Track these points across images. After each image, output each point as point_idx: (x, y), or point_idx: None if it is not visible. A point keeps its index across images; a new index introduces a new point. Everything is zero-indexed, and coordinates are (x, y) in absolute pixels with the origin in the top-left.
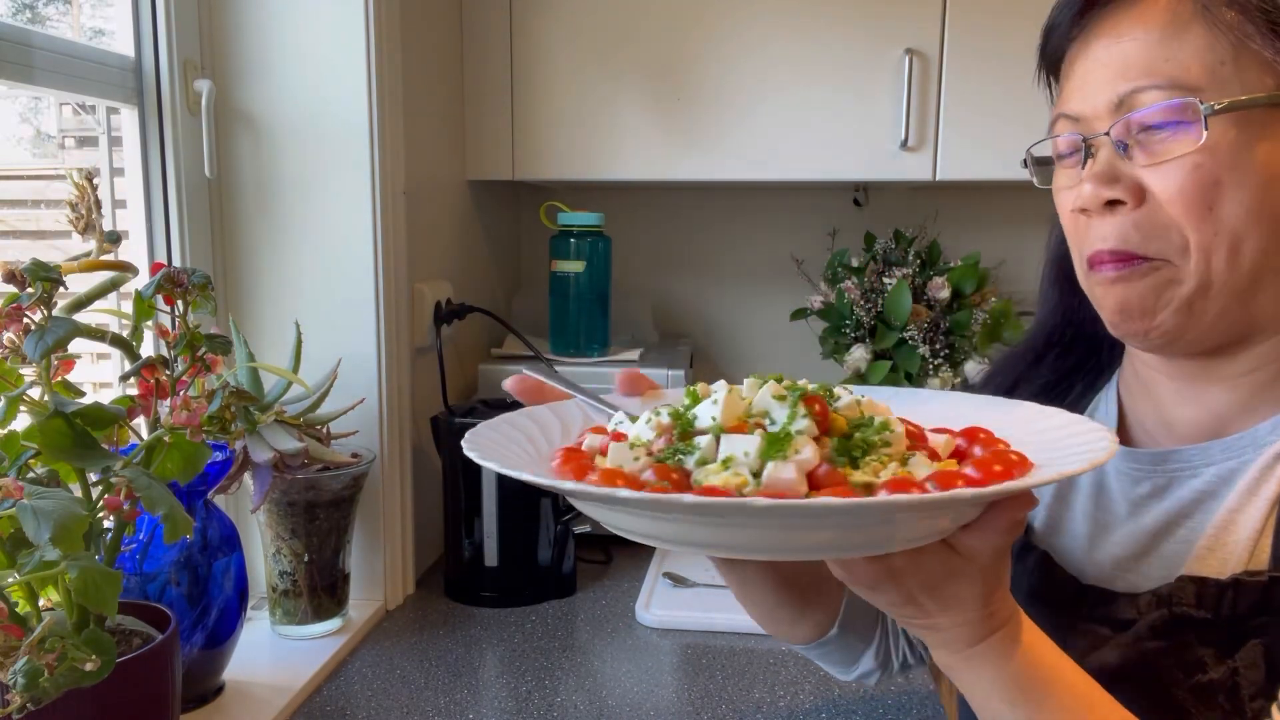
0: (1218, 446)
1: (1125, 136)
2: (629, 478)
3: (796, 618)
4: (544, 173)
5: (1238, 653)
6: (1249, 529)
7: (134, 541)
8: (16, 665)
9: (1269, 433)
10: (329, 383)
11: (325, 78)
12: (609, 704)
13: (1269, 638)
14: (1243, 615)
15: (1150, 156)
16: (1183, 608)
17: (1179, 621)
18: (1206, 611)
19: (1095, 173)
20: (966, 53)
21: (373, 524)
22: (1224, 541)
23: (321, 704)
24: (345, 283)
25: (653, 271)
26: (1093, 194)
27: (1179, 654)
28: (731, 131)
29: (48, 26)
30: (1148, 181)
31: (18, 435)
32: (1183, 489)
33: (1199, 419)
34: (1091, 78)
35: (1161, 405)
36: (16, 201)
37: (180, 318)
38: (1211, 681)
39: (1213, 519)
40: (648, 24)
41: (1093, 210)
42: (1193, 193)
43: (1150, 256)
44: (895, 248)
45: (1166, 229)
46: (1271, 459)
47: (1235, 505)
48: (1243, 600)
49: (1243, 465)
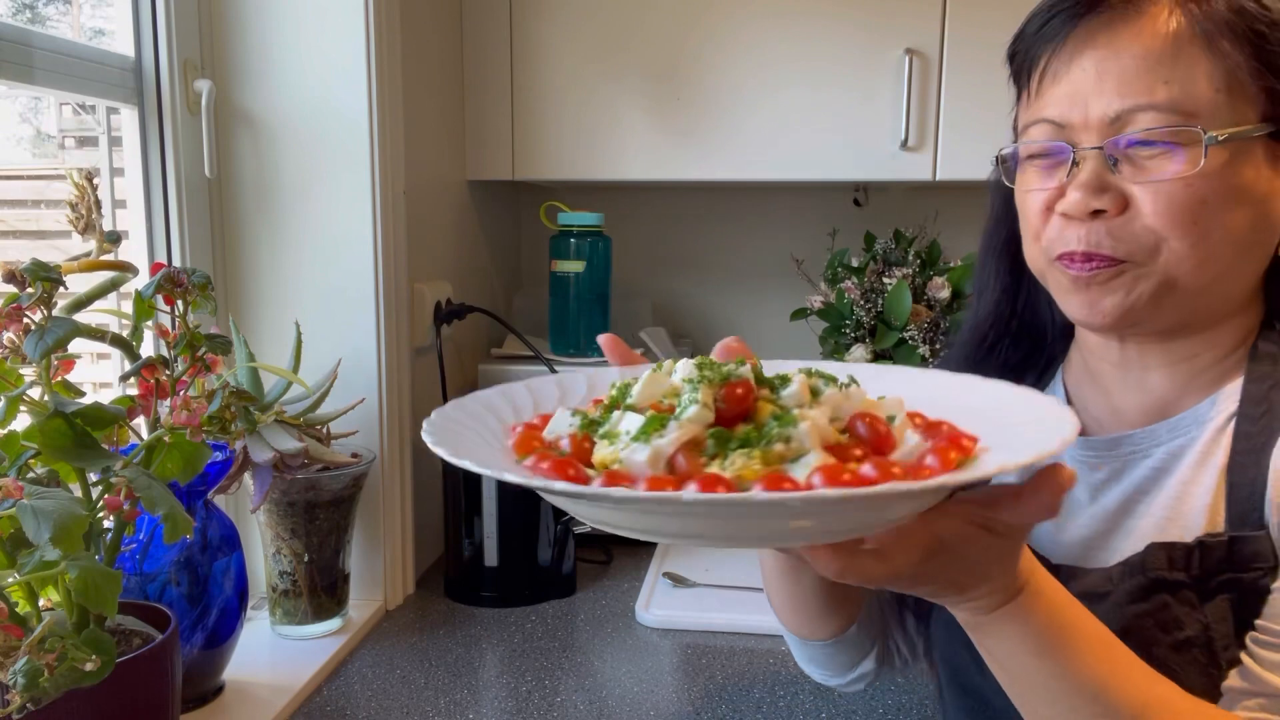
0: (1164, 428)
1: (1114, 151)
2: (550, 456)
3: (828, 610)
4: (544, 173)
5: (1206, 607)
6: (1203, 498)
7: (134, 541)
8: (16, 665)
9: (1209, 409)
10: (329, 383)
11: (325, 78)
12: (609, 704)
13: (1235, 593)
14: (1210, 572)
15: (1139, 173)
16: (1157, 571)
17: (1155, 584)
18: (1179, 573)
19: (1084, 182)
20: (966, 53)
21: (373, 524)
22: (1182, 511)
23: (321, 704)
24: (345, 283)
25: (653, 271)
26: (1081, 202)
27: (1157, 615)
28: (731, 131)
29: (48, 26)
30: (1133, 194)
31: (18, 435)
32: (1137, 469)
33: (1143, 404)
34: (1083, 88)
35: (1109, 393)
36: (16, 201)
37: (180, 318)
38: (1188, 638)
39: (1169, 492)
40: (648, 24)
41: (1078, 216)
42: (1180, 209)
43: (1119, 259)
44: (895, 248)
45: (1139, 235)
46: (1215, 433)
47: (1188, 478)
48: (1208, 559)
49: (1190, 441)
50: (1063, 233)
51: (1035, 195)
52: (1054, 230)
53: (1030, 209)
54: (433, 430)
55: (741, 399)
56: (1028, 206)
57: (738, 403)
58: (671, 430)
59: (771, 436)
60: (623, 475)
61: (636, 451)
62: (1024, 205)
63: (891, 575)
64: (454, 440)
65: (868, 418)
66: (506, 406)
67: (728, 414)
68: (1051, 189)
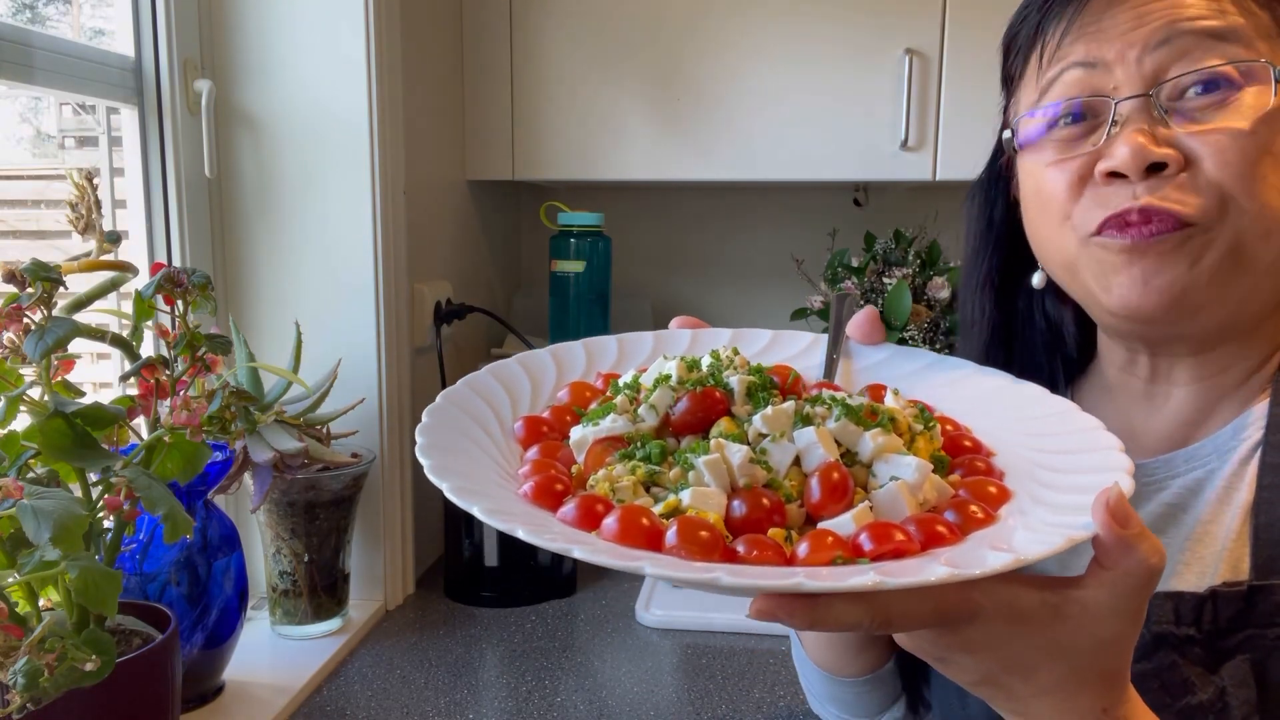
0: (1181, 457)
1: (1163, 100)
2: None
3: (865, 642)
4: (544, 173)
5: (1223, 669)
6: (1224, 539)
7: (134, 541)
8: (16, 665)
9: (1231, 437)
10: (329, 383)
11: (325, 78)
12: (609, 704)
13: (1256, 652)
14: (1225, 629)
15: (1194, 123)
16: (1162, 626)
17: (1160, 640)
18: (1187, 628)
19: (1135, 132)
20: (966, 53)
21: (373, 524)
22: (1199, 555)
23: (321, 704)
24: (345, 283)
25: (653, 271)
26: (1137, 153)
27: (1164, 675)
28: (732, 131)
29: (48, 26)
30: (1192, 148)
31: (18, 435)
32: (1150, 504)
33: (1163, 428)
34: (1114, 33)
35: (1127, 414)
36: (16, 201)
37: (180, 318)
38: (1201, 703)
39: (1185, 533)
40: (648, 24)
41: (1130, 174)
42: (1250, 161)
43: (1186, 220)
44: (895, 248)
45: (1205, 191)
46: (1238, 465)
47: (1208, 517)
48: (1223, 613)
49: (1209, 475)
50: (1109, 197)
51: (1060, 169)
52: (1092, 200)
53: (1054, 187)
54: (433, 459)
55: (698, 409)
56: (1049, 185)
57: (698, 413)
58: (607, 423)
59: (685, 464)
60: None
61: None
62: (1042, 186)
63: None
64: (460, 469)
65: (836, 471)
66: (503, 396)
67: (688, 423)
68: (1083, 156)
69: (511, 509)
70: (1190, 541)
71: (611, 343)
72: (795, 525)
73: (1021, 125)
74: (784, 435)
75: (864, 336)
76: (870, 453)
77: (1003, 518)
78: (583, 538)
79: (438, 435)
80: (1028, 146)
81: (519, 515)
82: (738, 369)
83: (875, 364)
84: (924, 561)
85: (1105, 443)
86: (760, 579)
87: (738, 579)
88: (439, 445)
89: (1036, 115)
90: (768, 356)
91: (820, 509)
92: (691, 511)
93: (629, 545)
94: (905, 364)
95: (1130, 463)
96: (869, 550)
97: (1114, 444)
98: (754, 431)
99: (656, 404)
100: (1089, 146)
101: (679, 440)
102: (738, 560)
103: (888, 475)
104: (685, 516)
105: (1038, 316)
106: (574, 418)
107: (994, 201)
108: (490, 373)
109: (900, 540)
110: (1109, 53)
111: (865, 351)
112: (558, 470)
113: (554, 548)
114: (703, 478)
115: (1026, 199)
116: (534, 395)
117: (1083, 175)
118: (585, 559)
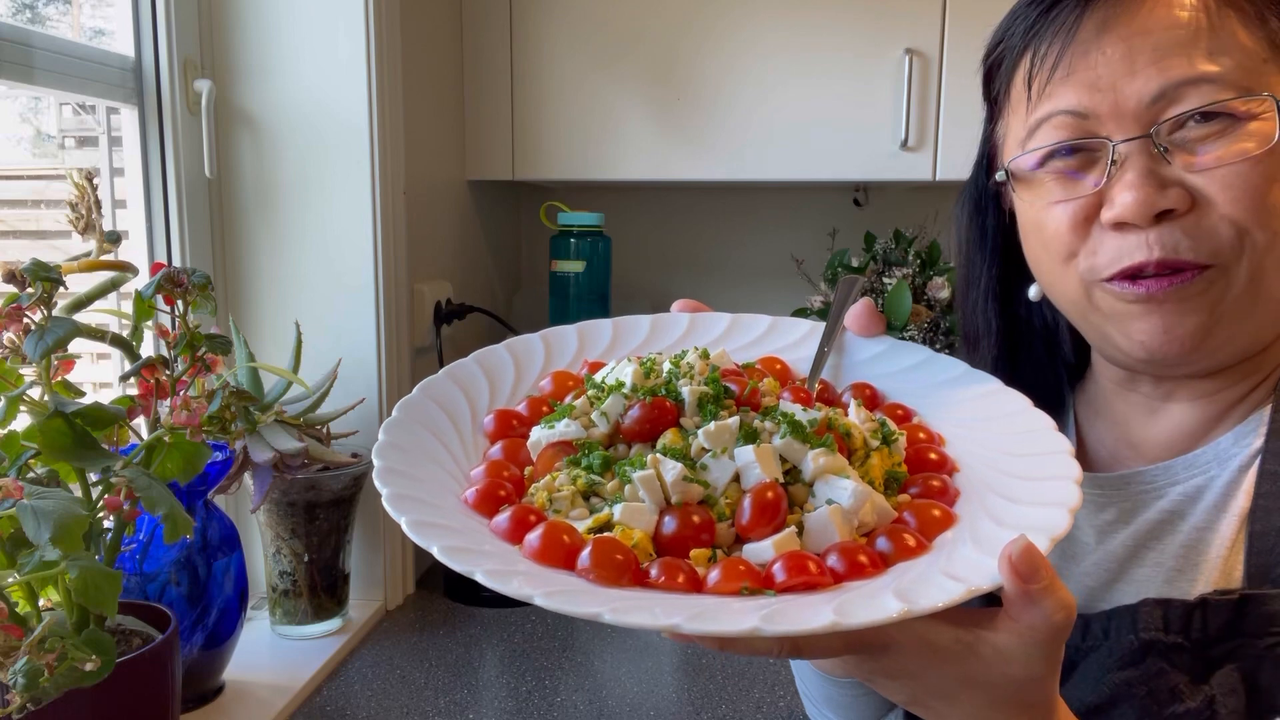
0: (1180, 464)
1: (1163, 139)
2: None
3: None
4: (544, 173)
5: (1213, 678)
6: (1219, 547)
7: (134, 541)
8: (16, 665)
9: (1232, 444)
10: (329, 383)
11: (325, 78)
12: (609, 704)
13: (1245, 662)
14: (1214, 638)
15: (1197, 160)
16: (1151, 633)
17: (1148, 647)
18: (1176, 635)
19: (1138, 177)
20: (966, 53)
21: (373, 524)
22: (1194, 562)
23: (321, 704)
24: (345, 283)
25: (653, 271)
26: (1143, 202)
27: (1151, 683)
28: (731, 131)
29: (48, 26)
30: (1196, 186)
31: (18, 435)
32: (1148, 511)
33: (1161, 438)
34: (1107, 74)
35: (1125, 425)
36: (16, 201)
37: (180, 318)
38: (1189, 711)
39: (1181, 540)
40: (648, 24)
41: (1139, 223)
42: (1260, 194)
43: (1204, 264)
44: (895, 248)
45: (1219, 230)
46: (1237, 472)
47: (1204, 524)
48: (1213, 621)
49: (1208, 481)
50: (1119, 247)
51: (1061, 209)
52: (1101, 246)
53: (1057, 226)
54: (391, 485)
55: (648, 420)
56: (1051, 224)
57: (646, 423)
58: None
59: (624, 477)
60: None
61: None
62: (1044, 224)
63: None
64: (419, 494)
65: (771, 491)
66: (483, 383)
67: (638, 432)
68: (1085, 198)
69: (470, 545)
70: (1186, 548)
71: (607, 326)
72: (725, 544)
73: (1013, 162)
74: (725, 451)
75: (861, 328)
76: (811, 473)
77: (934, 548)
78: (547, 580)
79: (394, 458)
80: (1023, 178)
81: (478, 554)
82: (696, 376)
83: (870, 358)
84: (820, 602)
85: (1060, 470)
86: (646, 618)
87: (619, 616)
88: (396, 470)
89: (1029, 154)
90: (764, 344)
91: (749, 530)
92: (618, 529)
93: (548, 563)
94: (898, 360)
95: (1076, 499)
96: (780, 582)
97: (1070, 474)
98: (697, 446)
99: (608, 411)
100: (1090, 185)
101: (630, 447)
102: (648, 585)
103: (825, 497)
104: (601, 538)
105: (1036, 323)
106: (549, 410)
107: (985, 210)
108: (475, 360)
109: (812, 573)
110: (1102, 106)
111: (861, 344)
112: (509, 474)
113: (511, 592)
114: (637, 492)
115: (1026, 230)
116: (517, 381)
117: (1088, 216)
118: (546, 606)
